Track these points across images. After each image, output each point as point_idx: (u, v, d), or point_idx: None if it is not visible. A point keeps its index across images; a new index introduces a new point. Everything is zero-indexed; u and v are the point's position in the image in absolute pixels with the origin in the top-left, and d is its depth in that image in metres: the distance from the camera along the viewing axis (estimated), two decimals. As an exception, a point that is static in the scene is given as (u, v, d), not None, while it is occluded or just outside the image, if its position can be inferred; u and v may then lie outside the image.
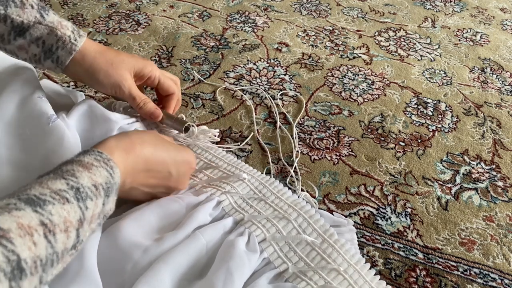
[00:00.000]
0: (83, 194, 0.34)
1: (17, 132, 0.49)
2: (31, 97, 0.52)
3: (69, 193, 0.33)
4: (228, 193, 0.54)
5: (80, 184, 0.35)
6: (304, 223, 0.51)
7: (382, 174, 0.70)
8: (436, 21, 1.15)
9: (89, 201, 0.35)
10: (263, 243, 0.48)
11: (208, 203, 0.51)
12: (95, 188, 0.36)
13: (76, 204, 0.33)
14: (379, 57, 0.98)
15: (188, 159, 0.52)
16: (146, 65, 0.56)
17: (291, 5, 1.17)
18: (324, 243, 0.49)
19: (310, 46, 1.00)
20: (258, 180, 0.57)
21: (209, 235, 0.47)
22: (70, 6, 1.10)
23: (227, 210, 0.52)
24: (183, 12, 1.10)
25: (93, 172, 0.36)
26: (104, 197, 0.37)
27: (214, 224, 0.49)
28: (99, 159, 0.38)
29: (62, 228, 0.31)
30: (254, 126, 0.77)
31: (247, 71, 0.90)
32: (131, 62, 0.55)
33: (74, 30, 0.51)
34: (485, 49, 1.04)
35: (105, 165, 0.38)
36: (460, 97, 0.88)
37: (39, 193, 0.32)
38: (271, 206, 0.53)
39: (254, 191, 0.55)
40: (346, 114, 0.81)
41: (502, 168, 0.73)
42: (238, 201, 0.53)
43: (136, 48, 0.95)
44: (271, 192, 0.55)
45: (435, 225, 0.63)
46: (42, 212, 0.30)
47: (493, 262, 0.59)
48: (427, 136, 0.78)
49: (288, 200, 0.54)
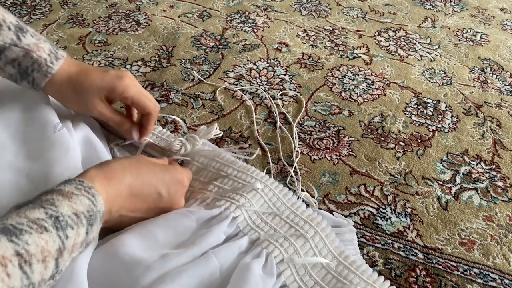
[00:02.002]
0: (62, 223, 0.33)
1: (22, 139, 0.50)
2: (36, 104, 0.52)
3: (48, 222, 0.32)
4: (242, 207, 0.51)
5: (59, 213, 0.34)
6: (320, 243, 0.49)
7: (382, 174, 0.70)
8: (436, 21, 1.15)
9: (70, 229, 0.34)
10: (280, 265, 0.46)
11: (223, 222, 0.48)
12: (76, 217, 0.35)
13: (55, 233, 0.32)
14: (379, 57, 0.98)
15: (177, 177, 0.50)
16: (116, 87, 0.52)
17: (291, 5, 1.17)
18: (339, 266, 0.48)
19: (310, 46, 1.00)
20: (271, 190, 0.54)
21: (223, 256, 0.44)
22: (70, 6, 1.10)
23: (242, 228, 0.50)
24: (183, 12, 1.10)
25: (73, 200, 0.35)
26: (87, 226, 0.36)
27: (229, 244, 0.46)
28: (79, 188, 0.37)
29: (39, 258, 0.30)
30: (254, 126, 0.77)
31: (247, 71, 0.90)
32: (98, 87, 0.51)
33: (52, 52, 0.50)
34: (485, 49, 1.04)
35: (86, 193, 0.37)
36: (460, 97, 0.88)
37: (16, 222, 0.31)
38: (286, 222, 0.51)
39: (268, 204, 0.53)
40: (346, 114, 0.82)
41: (502, 168, 0.73)
42: (252, 217, 0.51)
43: (136, 48, 0.95)
44: (286, 206, 0.53)
45: (435, 225, 0.63)
46: (17, 242, 0.29)
47: (493, 262, 0.59)
48: (427, 136, 0.78)
49: (304, 215, 0.52)
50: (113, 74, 0.52)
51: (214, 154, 0.60)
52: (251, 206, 0.52)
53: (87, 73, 0.51)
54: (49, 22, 1.03)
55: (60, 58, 0.50)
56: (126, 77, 0.53)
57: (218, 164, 0.59)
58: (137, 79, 0.86)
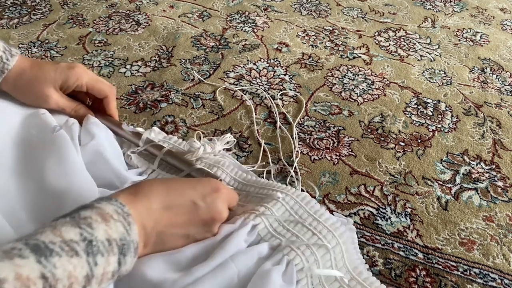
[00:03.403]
0: (94, 248, 0.32)
1: (22, 143, 0.51)
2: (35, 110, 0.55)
3: (80, 245, 0.31)
4: (263, 215, 0.49)
5: (94, 237, 0.32)
6: (339, 255, 0.48)
7: (382, 174, 0.70)
8: (436, 21, 1.15)
9: (100, 256, 0.32)
10: (299, 273, 0.45)
11: (242, 229, 0.47)
12: (109, 244, 0.33)
13: (85, 258, 0.31)
14: (379, 57, 0.98)
15: (211, 185, 0.47)
16: (69, 76, 0.56)
17: (291, 5, 1.17)
18: (352, 281, 0.47)
19: (310, 46, 1.00)
20: (293, 199, 0.53)
21: (241, 262, 0.43)
22: (70, 6, 1.10)
23: (263, 235, 0.48)
24: (183, 12, 1.10)
25: (109, 225, 0.34)
26: (118, 255, 0.34)
27: (248, 249, 0.45)
28: (119, 212, 0.36)
29: (65, 284, 0.29)
30: (254, 126, 0.77)
31: (247, 71, 0.90)
32: (52, 77, 0.55)
33: (6, 50, 0.52)
34: (485, 49, 1.04)
35: (124, 220, 0.36)
36: (460, 97, 0.88)
37: (49, 240, 0.30)
38: (309, 229, 0.49)
39: (290, 212, 0.51)
40: (346, 114, 0.82)
41: (502, 168, 0.73)
42: (273, 224, 0.49)
43: (136, 48, 0.95)
44: (308, 213, 0.51)
45: (435, 225, 0.63)
46: (45, 264, 0.28)
47: (493, 262, 0.59)
48: (427, 136, 0.78)
49: (327, 223, 0.50)
50: (64, 65, 0.56)
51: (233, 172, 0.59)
52: (272, 214, 0.50)
53: (40, 67, 0.55)
54: (49, 22, 1.03)
55: (15, 55, 0.53)
56: (77, 67, 0.57)
57: (236, 183, 0.57)
58: (137, 79, 0.86)
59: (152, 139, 0.62)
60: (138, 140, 0.61)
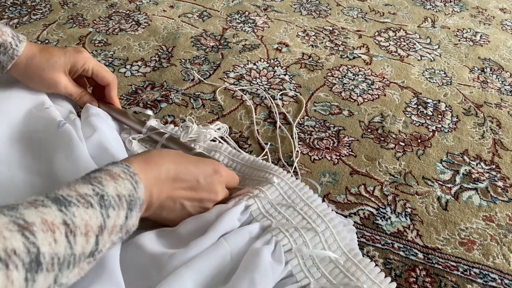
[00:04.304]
0: (106, 202, 0.35)
1: (27, 137, 0.51)
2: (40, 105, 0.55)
3: (94, 199, 0.34)
4: (256, 197, 0.51)
5: (105, 192, 0.35)
6: (330, 238, 0.49)
7: (382, 174, 0.70)
8: (436, 21, 1.15)
9: (112, 210, 0.35)
10: (288, 254, 0.47)
11: (235, 208, 0.49)
12: (119, 199, 0.36)
13: (99, 210, 0.34)
14: (379, 57, 0.98)
15: (214, 167, 0.50)
16: (78, 60, 0.57)
17: (291, 5, 1.17)
18: (348, 262, 0.48)
19: (310, 46, 1.00)
20: (287, 184, 0.54)
21: (233, 241, 0.45)
22: (70, 6, 1.10)
23: (255, 215, 0.50)
24: (183, 12, 1.10)
25: (118, 183, 0.37)
26: (127, 210, 0.37)
27: (240, 229, 0.47)
28: (125, 172, 0.39)
29: (82, 231, 0.32)
30: (254, 126, 0.77)
31: (247, 71, 0.90)
32: (62, 62, 0.56)
33: (14, 36, 0.52)
34: (485, 49, 1.04)
35: (131, 179, 0.39)
36: (460, 97, 0.88)
37: (66, 194, 0.33)
38: (299, 213, 0.51)
39: (283, 196, 0.53)
40: (346, 114, 0.82)
41: (502, 168, 0.73)
42: (266, 206, 0.51)
43: (136, 48, 0.95)
44: (301, 198, 0.53)
45: (435, 225, 0.63)
46: (66, 212, 0.31)
47: (493, 262, 0.59)
48: (427, 136, 0.78)
49: (318, 208, 0.52)
50: (72, 50, 0.57)
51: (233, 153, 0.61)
52: (265, 196, 0.52)
53: (49, 52, 0.55)
54: (49, 22, 1.03)
55: (23, 41, 0.53)
56: (84, 51, 0.58)
57: (234, 164, 0.60)
58: (137, 79, 0.86)
59: (155, 126, 0.64)
60: (140, 127, 0.62)
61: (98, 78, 0.61)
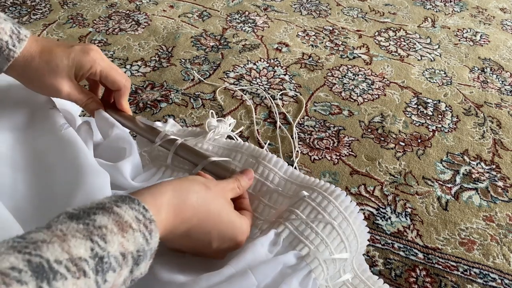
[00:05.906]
0: (105, 266, 0.29)
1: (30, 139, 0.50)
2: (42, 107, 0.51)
3: (89, 264, 0.28)
4: (287, 220, 0.45)
5: (106, 252, 0.29)
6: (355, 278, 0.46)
7: (382, 174, 0.70)
8: (436, 21, 1.15)
9: (111, 273, 0.29)
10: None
11: (262, 238, 0.43)
12: (123, 258, 0.30)
13: (93, 278, 0.28)
14: (379, 57, 0.98)
15: (238, 238, 0.43)
16: (83, 63, 0.49)
17: (291, 5, 1.17)
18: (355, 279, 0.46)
19: (310, 46, 1.00)
20: (321, 194, 0.47)
21: (262, 274, 0.40)
22: (70, 6, 1.10)
23: (289, 241, 0.44)
24: (183, 12, 1.10)
25: (127, 237, 0.31)
26: (132, 265, 0.31)
27: (270, 260, 0.42)
28: (140, 220, 0.32)
29: None
30: (254, 126, 0.77)
31: (247, 71, 0.90)
32: (65, 65, 0.48)
33: (13, 33, 0.45)
34: (485, 49, 1.04)
35: (145, 229, 0.32)
36: (460, 97, 0.88)
37: (55, 259, 0.26)
38: (338, 234, 0.44)
39: (318, 210, 0.46)
40: (346, 114, 0.81)
41: (502, 168, 0.73)
42: (300, 228, 0.45)
43: (136, 48, 0.95)
44: (338, 210, 0.46)
45: (435, 225, 0.63)
46: None
47: (493, 262, 0.59)
48: (427, 136, 0.78)
49: (355, 224, 0.46)
50: (78, 49, 0.49)
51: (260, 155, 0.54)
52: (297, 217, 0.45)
53: (51, 52, 0.48)
54: (49, 22, 1.03)
55: (23, 40, 0.46)
56: (92, 51, 0.50)
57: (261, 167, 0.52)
58: (137, 79, 0.86)
59: (167, 132, 0.58)
60: (152, 135, 0.56)
61: (108, 83, 0.53)
